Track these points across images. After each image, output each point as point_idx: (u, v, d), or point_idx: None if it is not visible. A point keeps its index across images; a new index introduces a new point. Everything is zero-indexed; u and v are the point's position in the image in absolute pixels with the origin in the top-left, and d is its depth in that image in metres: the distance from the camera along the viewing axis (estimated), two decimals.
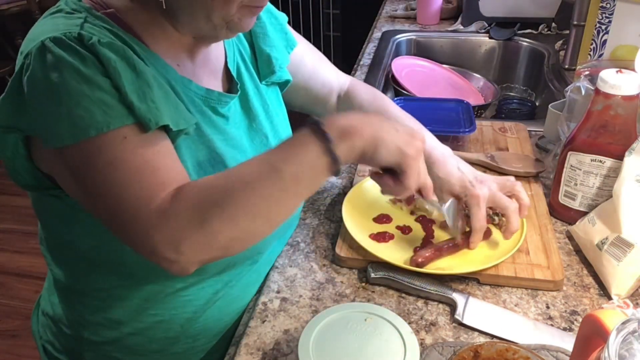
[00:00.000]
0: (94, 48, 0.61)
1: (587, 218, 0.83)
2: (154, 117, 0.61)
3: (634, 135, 0.80)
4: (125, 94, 0.60)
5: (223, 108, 0.77)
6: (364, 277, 0.80)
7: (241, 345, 0.70)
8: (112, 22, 0.67)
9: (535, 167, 1.01)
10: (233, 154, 0.75)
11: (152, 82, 0.63)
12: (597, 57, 1.20)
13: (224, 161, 0.73)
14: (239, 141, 0.78)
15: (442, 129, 1.08)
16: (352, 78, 1.04)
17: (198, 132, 0.71)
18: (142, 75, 0.63)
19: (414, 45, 1.80)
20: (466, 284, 0.79)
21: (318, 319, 0.61)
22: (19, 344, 2.02)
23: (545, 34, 1.73)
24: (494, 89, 1.55)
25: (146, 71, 0.64)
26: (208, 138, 0.73)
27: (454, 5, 1.95)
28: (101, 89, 0.60)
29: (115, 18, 0.68)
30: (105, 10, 0.68)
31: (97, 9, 0.68)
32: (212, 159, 0.72)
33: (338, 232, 0.87)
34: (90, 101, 0.59)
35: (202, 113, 0.73)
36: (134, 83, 0.62)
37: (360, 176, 1.00)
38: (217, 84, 0.79)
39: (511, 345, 0.59)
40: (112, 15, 0.68)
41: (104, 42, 0.62)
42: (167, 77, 0.69)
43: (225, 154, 0.74)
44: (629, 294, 0.76)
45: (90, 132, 0.59)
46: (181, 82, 0.71)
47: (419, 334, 0.71)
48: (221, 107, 0.76)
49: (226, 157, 0.74)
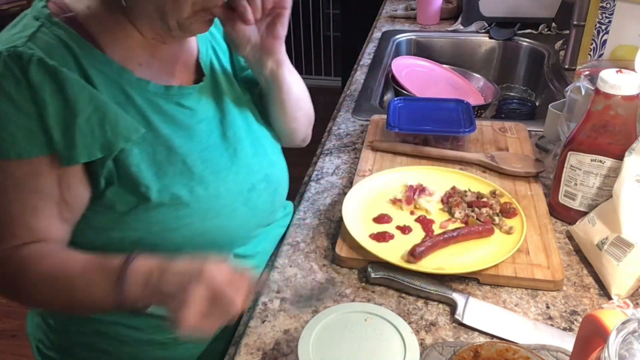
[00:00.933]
0: (28, 72, 0.64)
1: (587, 218, 0.83)
2: (68, 154, 0.66)
3: (634, 135, 0.80)
4: (47, 126, 0.65)
5: (187, 100, 0.78)
6: (364, 277, 0.80)
7: (241, 345, 0.70)
8: (69, 28, 0.70)
9: (535, 167, 1.01)
10: (196, 149, 0.77)
11: (83, 108, 0.67)
12: (597, 57, 1.20)
13: (183, 159, 0.75)
14: (206, 135, 0.79)
15: (442, 129, 1.08)
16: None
17: (154, 134, 0.74)
18: (72, 102, 0.66)
19: (414, 45, 1.80)
20: (466, 284, 0.79)
21: (318, 319, 0.61)
22: (18, 343, 2.02)
23: (545, 34, 1.73)
24: (494, 89, 1.55)
25: (79, 95, 0.66)
26: (166, 138, 0.74)
27: (454, 5, 1.95)
28: (28, 116, 0.65)
29: (74, 23, 0.70)
30: (66, 14, 0.70)
31: (58, 14, 0.70)
32: (170, 158, 0.74)
33: (338, 232, 0.87)
34: (16, 126, 0.65)
35: (161, 113, 0.75)
36: (58, 114, 0.66)
37: (360, 176, 1.00)
38: (187, 78, 0.82)
39: (511, 345, 0.59)
40: (71, 20, 0.70)
41: (40, 62, 0.65)
42: (120, 84, 0.72)
43: (186, 150, 0.76)
44: (629, 294, 0.76)
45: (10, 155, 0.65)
46: (137, 85, 0.73)
47: (419, 334, 0.71)
48: (185, 100, 0.78)
49: (186, 153, 0.75)
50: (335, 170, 1.07)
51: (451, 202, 0.90)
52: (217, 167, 0.79)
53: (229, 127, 0.82)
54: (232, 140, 0.82)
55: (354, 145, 1.16)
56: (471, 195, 0.91)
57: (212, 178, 0.77)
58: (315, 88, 4.58)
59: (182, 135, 0.76)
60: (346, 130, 1.22)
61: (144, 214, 0.73)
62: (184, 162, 0.75)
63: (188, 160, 0.75)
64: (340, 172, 1.06)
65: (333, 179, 1.04)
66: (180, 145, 0.75)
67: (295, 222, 0.93)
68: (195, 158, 0.76)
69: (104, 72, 0.71)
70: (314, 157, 1.13)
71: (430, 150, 1.07)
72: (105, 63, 0.71)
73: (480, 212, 0.87)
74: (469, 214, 0.88)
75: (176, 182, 0.74)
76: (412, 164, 1.05)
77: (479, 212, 0.88)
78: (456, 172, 1.00)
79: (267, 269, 0.84)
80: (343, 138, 1.19)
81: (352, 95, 1.40)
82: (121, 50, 0.73)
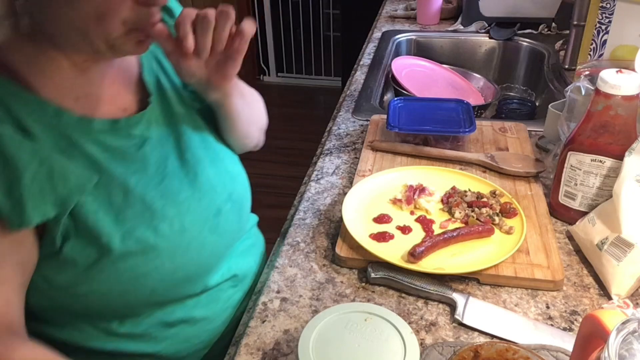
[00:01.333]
0: None
1: (587, 218, 0.83)
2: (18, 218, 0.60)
3: (634, 135, 0.80)
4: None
5: (136, 129, 0.72)
6: (364, 277, 0.80)
7: (241, 345, 0.70)
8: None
9: (535, 167, 1.01)
10: (153, 182, 0.71)
11: (26, 165, 0.60)
12: (597, 57, 1.20)
13: (142, 197, 0.70)
14: (162, 163, 0.73)
15: (442, 129, 1.08)
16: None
17: (107, 177, 0.68)
18: (11, 162, 0.59)
19: (414, 45, 1.80)
20: (466, 284, 0.79)
21: (318, 319, 0.61)
22: None
23: (545, 34, 1.73)
24: (494, 89, 1.55)
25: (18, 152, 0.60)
26: (120, 178, 0.69)
27: (454, 5, 1.95)
28: None
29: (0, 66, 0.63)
30: None
31: None
32: (127, 199, 0.69)
33: (338, 232, 0.87)
34: None
35: (110, 150, 0.69)
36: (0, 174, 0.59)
37: (360, 176, 1.00)
38: (131, 100, 0.75)
39: (511, 345, 0.59)
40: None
41: None
42: (60, 129, 0.65)
43: (143, 187, 0.70)
44: (629, 294, 0.76)
45: None
46: (79, 126, 0.67)
47: (419, 334, 0.71)
48: (134, 129, 0.72)
49: (144, 191, 0.70)
50: (335, 170, 1.07)
51: (451, 202, 0.90)
52: (178, 198, 0.73)
53: (187, 149, 0.77)
54: (191, 163, 0.76)
55: (354, 145, 1.16)
56: (471, 195, 0.91)
57: (175, 212, 0.73)
58: (315, 88, 4.59)
59: (136, 170, 0.70)
60: (346, 130, 1.22)
61: (109, 266, 0.67)
62: (142, 201, 0.69)
63: (147, 199, 0.70)
64: (340, 172, 1.06)
65: (333, 179, 1.04)
66: (136, 183, 0.70)
67: (295, 222, 0.93)
68: (154, 194, 0.71)
69: (40, 119, 0.63)
70: (314, 157, 1.13)
71: (430, 150, 1.07)
72: (40, 108, 0.64)
73: (480, 212, 0.87)
74: (469, 214, 0.88)
75: (138, 224, 0.69)
76: (412, 164, 1.05)
77: (479, 212, 0.88)
78: (456, 172, 1.00)
79: (267, 268, 0.84)
80: (343, 138, 1.19)
81: (352, 95, 1.40)
82: (54, 86, 0.66)
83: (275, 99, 3.96)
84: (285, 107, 3.83)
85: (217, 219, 0.78)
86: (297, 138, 3.30)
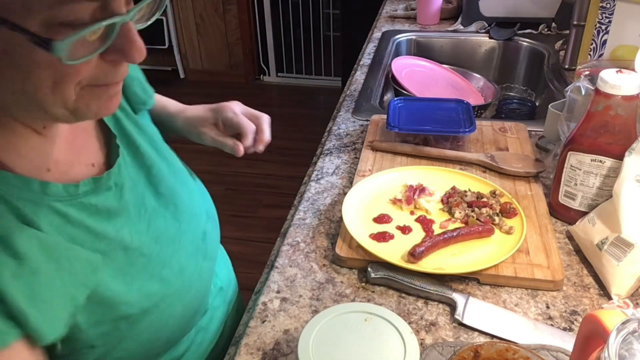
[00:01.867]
0: None
1: (587, 218, 0.83)
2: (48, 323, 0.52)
3: (634, 135, 0.80)
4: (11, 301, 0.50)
5: (112, 179, 0.65)
6: (364, 277, 0.80)
7: (241, 345, 0.70)
8: None
9: (535, 167, 1.01)
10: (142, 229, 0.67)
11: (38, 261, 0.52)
12: (597, 57, 1.20)
13: (140, 250, 0.65)
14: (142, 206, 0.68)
15: (442, 129, 1.08)
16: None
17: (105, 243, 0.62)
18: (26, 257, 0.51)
19: (414, 45, 1.80)
20: (466, 284, 0.79)
21: (318, 319, 0.61)
22: None
23: (545, 34, 1.73)
24: (494, 89, 1.55)
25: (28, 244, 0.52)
26: (116, 240, 0.63)
27: (454, 5, 1.95)
28: None
29: None
30: None
31: None
32: (129, 258, 0.64)
33: (338, 232, 0.87)
34: None
35: (98, 213, 0.62)
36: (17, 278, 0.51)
37: (360, 176, 1.00)
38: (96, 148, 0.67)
39: (511, 345, 0.59)
40: None
41: None
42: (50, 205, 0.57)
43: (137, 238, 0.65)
44: (629, 294, 0.76)
45: None
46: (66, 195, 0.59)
47: (419, 334, 0.71)
48: (111, 180, 0.65)
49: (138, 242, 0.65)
50: (335, 170, 1.07)
51: (451, 202, 0.90)
52: (169, 237, 0.70)
53: (159, 181, 0.72)
54: (167, 195, 0.72)
55: (354, 145, 1.16)
56: (471, 195, 0.91)
57: (171, 252, 0.70)
58: (315, 88, 4.60)
59: (124, 223, 0.64)
60: (346, 130, 1.22)
61: (129, 330, 0.63)
62: (142, 254, 0.65)
63: (144, 249, 0.66)
64: (340, 172, 1.06)
65: (333, 179, 1.04)
66: (130, 237, 0.64)
67: (295, 222, 0.93)
68: (148, 241, 0.67)
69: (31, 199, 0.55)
70: (314, 157, 1.13)
71: (430, 150, 1.07)
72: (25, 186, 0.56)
73: (480, 212, 0.87)
74: (469, 214, 0.88)
75: (145, 279, 0.65)
76: (412, 164, 1.05)
77: (479, 212, 0.88)
78: (456, 172, 1.00)
79: (267, 268, 0.84)
80: (343, 138, 1.19)
81: (352, 95, 1.40)
82: (27, 160, 0.57)
83: (275, 99, 3.96)
84: (285, 107, 3.83)
85: (205, 243, 0.78)
86: (297, 138, 3.31)
